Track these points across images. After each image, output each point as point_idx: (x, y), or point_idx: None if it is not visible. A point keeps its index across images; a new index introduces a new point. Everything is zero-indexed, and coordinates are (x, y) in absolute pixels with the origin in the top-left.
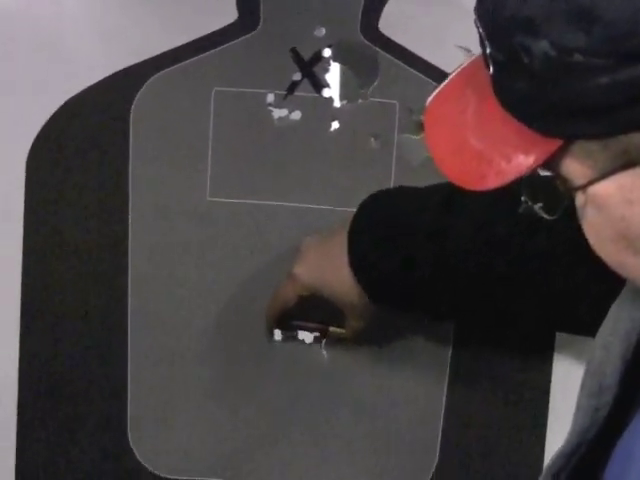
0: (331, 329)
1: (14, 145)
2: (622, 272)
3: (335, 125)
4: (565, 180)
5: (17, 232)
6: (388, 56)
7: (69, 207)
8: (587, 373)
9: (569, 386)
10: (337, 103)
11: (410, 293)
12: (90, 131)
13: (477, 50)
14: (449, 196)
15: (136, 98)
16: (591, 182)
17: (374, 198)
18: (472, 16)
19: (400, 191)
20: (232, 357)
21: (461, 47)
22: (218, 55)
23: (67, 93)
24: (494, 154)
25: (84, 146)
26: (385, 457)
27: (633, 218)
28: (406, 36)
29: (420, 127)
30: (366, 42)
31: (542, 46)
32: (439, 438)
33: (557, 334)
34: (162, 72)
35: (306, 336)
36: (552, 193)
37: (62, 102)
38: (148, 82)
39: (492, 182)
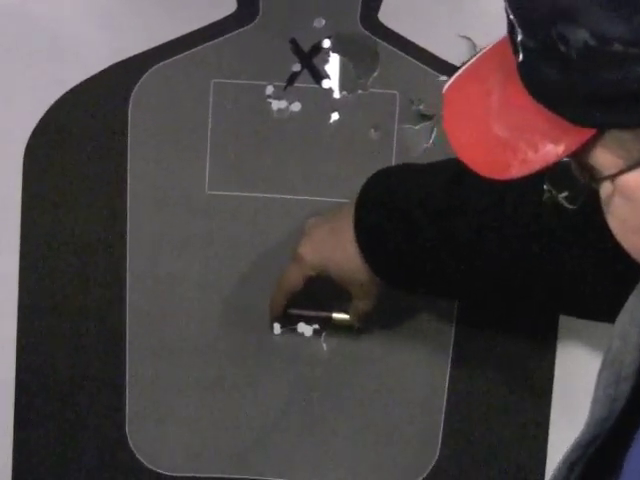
0: (334, 315)
1: (12, 137)
2: None
3: (335, 116)
4: (592, 169)
5: (15, 224)
6: (388, 46)
7: (67, 200)
8: (604, 363)
9: (573, 370)
10: (337, 94)
11: (417, 271)
12: (88, 123)
13: (478, 40)
14: (459, 173)
15: (134, 90)
16: (622, 172)
17: (380, 174)
18: (473, 6)
19: (406, 168)
20: (232, 352)
21: (463, 37)
22: (217, 47)
23: (65, 85)
24: (520, 143)
25: (82, 138)
26: (387, 448)
27: None
28: (406, 26)
29: (421, 117)
30: (366, 32)
31: (581, 35)
32: (441, 428)
33: (560, 317)
34: (160, 64)
35: (306, 329)
36: (574, 182)
37: (60, 94)
38: (146, 74)
39: (516, 171)
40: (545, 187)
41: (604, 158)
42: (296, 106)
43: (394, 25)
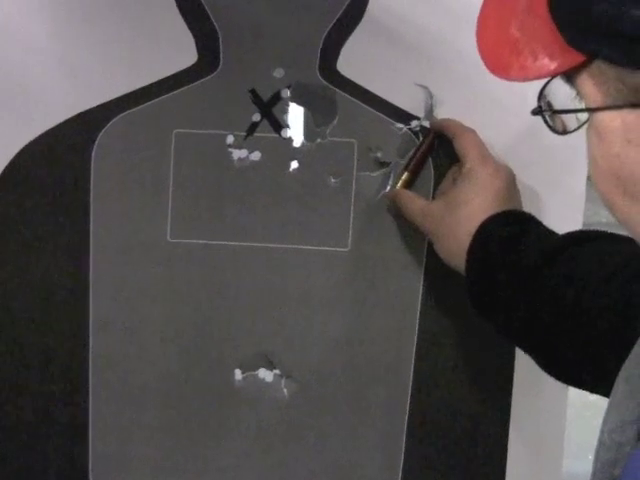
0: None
1: None
2: (612, 212)
3: (294, 165)
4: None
5: None
6: (346, 96)
7: (30, 249)
8: (610, 407)
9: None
10: (296, 143)
11: (507, 302)
12: (51, 172)
13: (434, 89)
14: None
15: (97, 140)
16: (599, 108)
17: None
18: (430, 55)
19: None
20: (194, 398)
21: (420, 85)
22: (178, 97)
23: (28, 135)
24: (525, 48)
25: (46, 187)
26: None
27: (627, 159)
28: (364, 76)
29: (379, 164)
30: (324, 82)
31: None
32: (400, 469)
33: None
34: (123, 114)
35: (266, 375)
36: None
37: (23, 144)
38: (109, 124)
39: (514, 74)
40: (538, 102)
41: (589, 89)
42: (256, 155)
43: (352, 75)
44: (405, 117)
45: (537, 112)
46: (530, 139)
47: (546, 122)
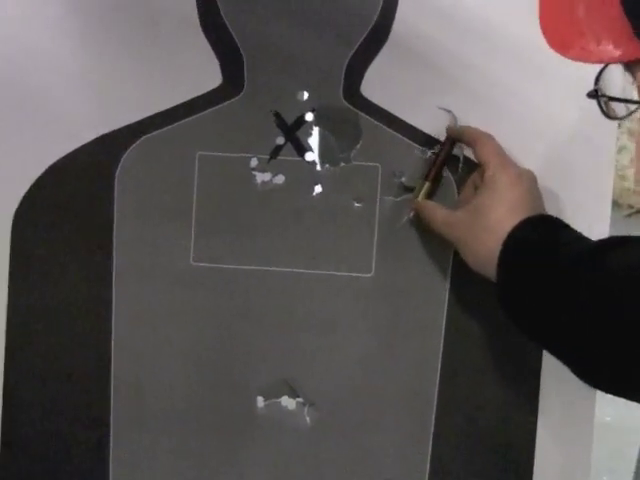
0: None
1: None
2: None
3: (318, 189)
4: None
5: (2, 295)
6: (370, 119)
7: (54, 271)
8: None
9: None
10: (320, 167)
11: (541, 308)
12: (75, 195)
13: (458, 112)
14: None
15: (121, 162)
16: None
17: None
18: (454, 79)
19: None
20: (214, 424)
21: (444, 109)
22: (202, 119)
23: (52, 157)
24: (589, 30)
25: (69, 210)
26: None
27: None
28: (388, 99)
29: (402, 189)
30: (348, 105)
31: None
32: None
33: None
34: (146, 136)
35: (289, 402)
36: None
37: (47, 165)
38: (133, 146)
39: (573, 54)
40: (594, 86)
41: None
42: (280, 179)
43: (376, 98)
44: (429, 141)
45: (593, 95)
46: (554, 163)
47: (600, 106)
